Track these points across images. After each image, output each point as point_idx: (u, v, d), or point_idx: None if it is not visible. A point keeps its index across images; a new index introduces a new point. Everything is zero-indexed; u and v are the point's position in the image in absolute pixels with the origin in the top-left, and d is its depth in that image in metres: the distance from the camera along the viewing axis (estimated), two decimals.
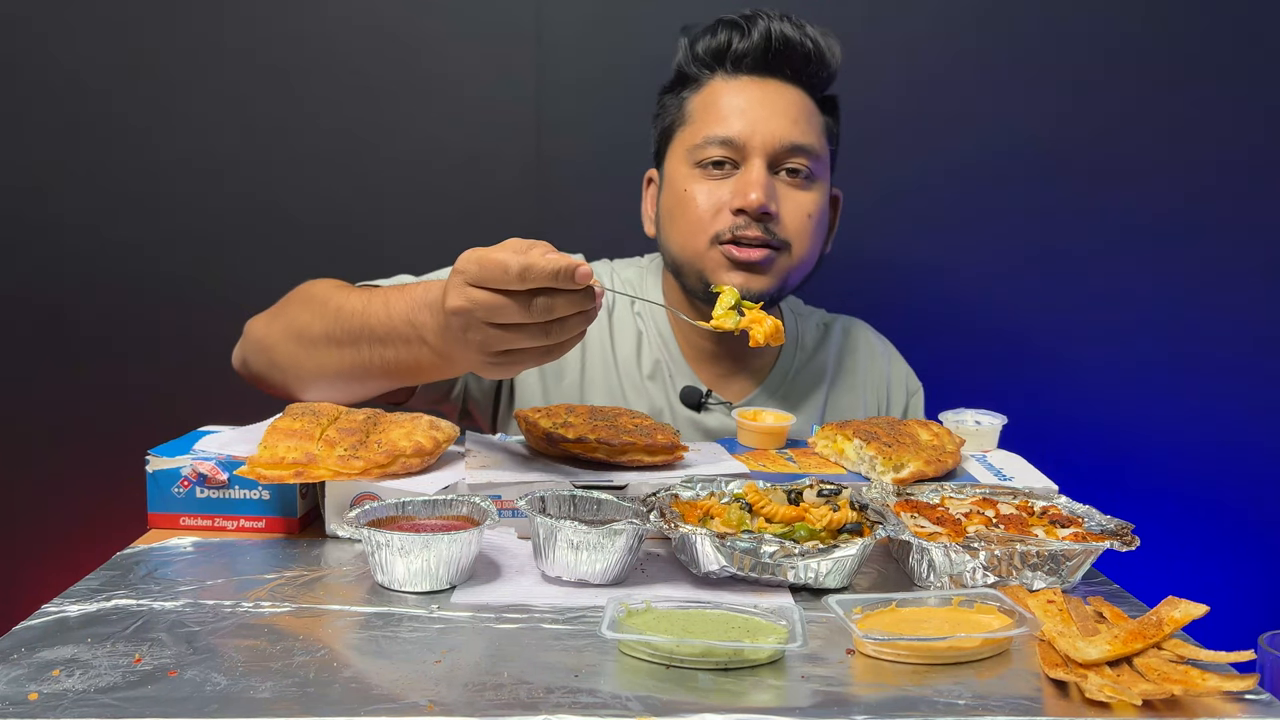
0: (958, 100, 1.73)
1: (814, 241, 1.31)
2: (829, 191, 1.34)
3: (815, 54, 1.29)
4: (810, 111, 1.30)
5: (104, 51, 1.68)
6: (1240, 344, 1.77)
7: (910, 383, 1.49)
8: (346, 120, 1.71)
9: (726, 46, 1.29)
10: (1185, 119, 1.73)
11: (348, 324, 1.09)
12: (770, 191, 1.26)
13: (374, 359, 1.08)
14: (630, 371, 1.37)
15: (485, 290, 0.88)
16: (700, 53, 1.31)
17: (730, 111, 1.28)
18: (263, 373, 1.21)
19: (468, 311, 0.90)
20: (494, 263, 0.87)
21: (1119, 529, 0.90)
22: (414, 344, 1.03)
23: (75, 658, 0.71)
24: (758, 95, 1.28)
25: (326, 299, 1.14)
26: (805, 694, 0.68)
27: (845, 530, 0.87)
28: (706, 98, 1.30)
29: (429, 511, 0.91)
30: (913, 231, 1.76)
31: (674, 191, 1.31)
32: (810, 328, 1.46)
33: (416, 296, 1.03)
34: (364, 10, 1.70)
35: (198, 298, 1.72)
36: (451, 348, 0.97)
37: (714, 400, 1.36)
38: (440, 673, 0.70)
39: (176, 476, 0.98)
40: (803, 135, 1.27)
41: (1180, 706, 0.67)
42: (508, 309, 0.88)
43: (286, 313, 1.19)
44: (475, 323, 0.90)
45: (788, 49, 1.28)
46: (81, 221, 1.71)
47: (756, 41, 1.27)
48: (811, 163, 1.28)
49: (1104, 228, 1.75)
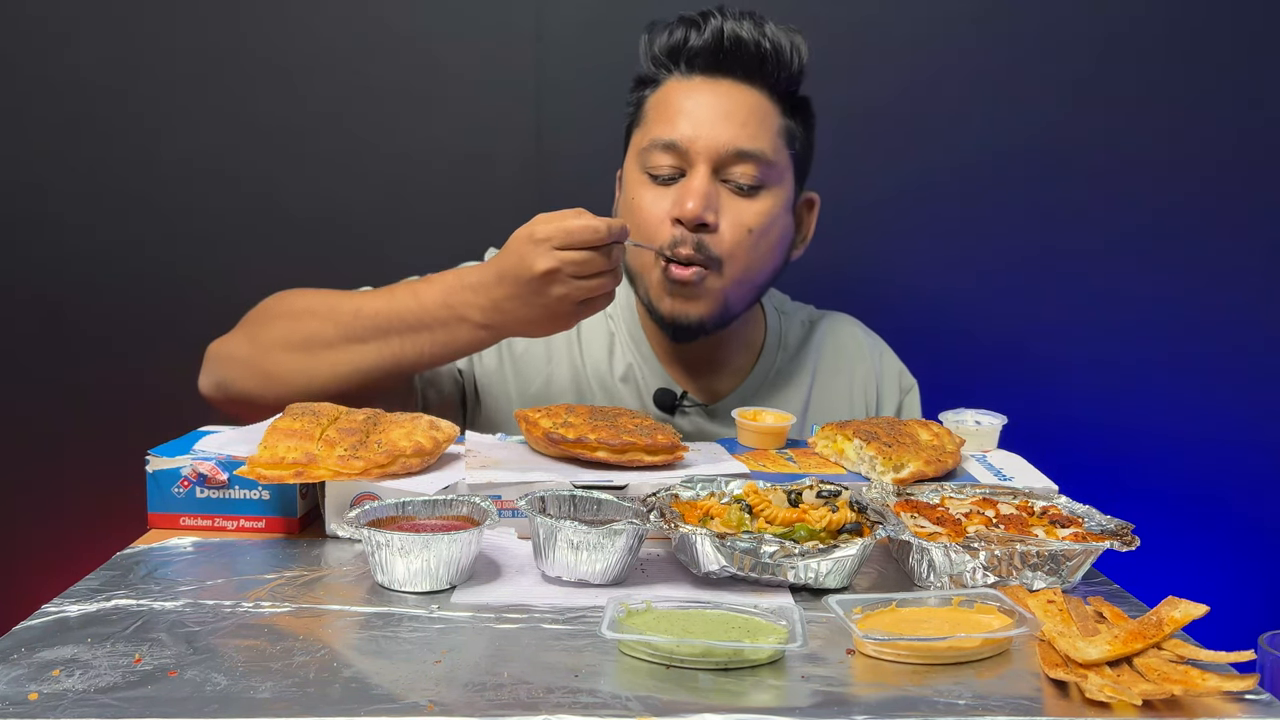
0: (956, 100, 1.73)
1: (756, 255, 1.25)
2: (787, 198, 1.29)
3: (773, 53, 1.24)
4: (765, 114, 1.25)
5: (104, 50, 1.68)
6: (1240, 344, 1.77)
7: (904, 380, 1.46)
8: (347, 120, 1.71)
9: (682, 44, 1.25)
10: (1185, 119, 1.73)
11: (372, 320, 1.16)
12: (709, 201, 1.21)
13: (406, 348, 1.16)
14: (601, 375, 1.36)
15: (574, 250, 1.06)
16: (658, 50, 1.28)
17: (678, 113, 1.24)
18: (250, 392, 1.21)
19: (558, 270, 1.07)
20: (583, 226, 1.06)
21: (1119, 529, 0.90)
22: (452, 325, 1.14)
23: (75, 658, 0.71)
24: (707, 98, 1.24)
25: (333, 305, 1.19)
26: (805, 694, 0.68)
27: (845, 530, 0.87)
28: (660, 97, 1.28)
29: (429, 511, 0.91)
30: (912, 231, 1.76)
31: (626, 197, 1.30)
32: (794, 325, 1.44)
33: (449, 281, 1.15)
34: (364, 10, 1.69)
35: (198, 297, 1.72)
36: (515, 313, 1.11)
37: (689, 402, 1.34)
38: (440, 673, 0.70)
39: (176, 476, 0.98)
40: (751, 140, 1.22)
41: (1180, 706, 0.67)
42: (596, 261, 1.07)
43: (272, 327, 1.21)
44: (564, 279, 1.07)
45: (739, 48, 1.23)
46: (82, 221, 1.71)
47: (709, 40, 1.24)
48: (761, 170, 1.23)
49: (1103, 228, 1.75)
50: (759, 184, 1.24)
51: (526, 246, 1.07)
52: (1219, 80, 1.72)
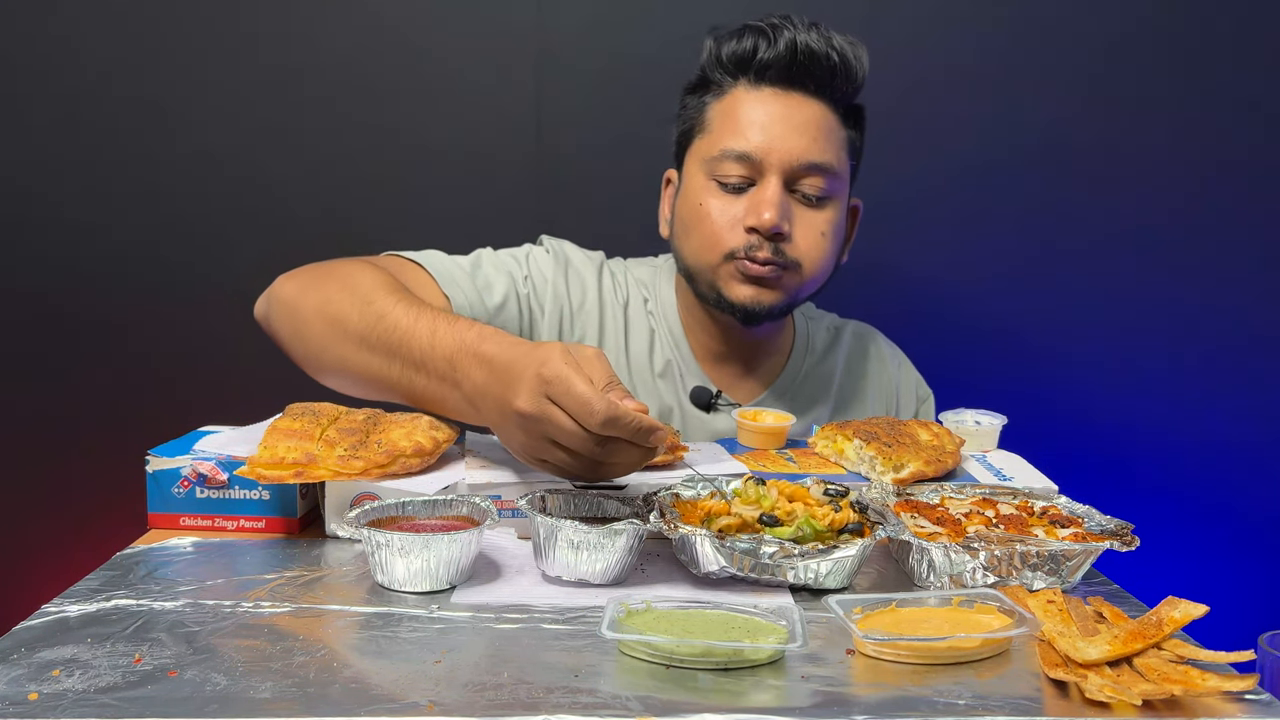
0: (956, 101, 1.73)
1: (827, 258, 1.29)
2: (845, 205, 1.32)
3: (841, 67, 1.25)
4: (832, 127, 1.27)
5: (104, 49, 1.68)
6: (1240, 344, 1.77)
7: (920, 390, 1.49)
8: (348, 119, 1.71)
9: (752, 54, 1.25)
10: (1185, 119, 1.73)
11: (388, 336, 1.07)
12: (784, 211, 1.24)
13: (402, 380, 1.07)
14: (642, 369, 1.37)
15: (563, 414, 0.87)
16: (724, 58, 1.28)
17: (749, 124, 1.25)
18: (285, 339, 1.18)
19: (535, 420, 0.89)
20: (580, 400, 0.86)
21: (1119, 529, 0.90)
22: (446, 384, 1.02)
23: (75, 658, 0.71)
24: (779, 110, 1.25)
25: (371, 297, 1.10)
26: (805, 694, 0.68)
27: (845, 531, 0.87)
28: (727, 106, 1.28)
29: (429, 511, 0.91)
30: (912, 231, 1.76)
31: (690, 202, 1.30)
32: (820, 331, 1.46)
33: (467, 338, 1.00)
34: (364, 10, 1.70)
35: (199, 297, 1.72)
36: (491, 417, 0.96)
37: (724, 402, 1.36)
38: (440, 673, 0.70)
39: (176, 476, 0.98)
40: (821, 154, 1.25)
41: (1180, 706, 0.67)
42: (577, 438, 0.88)
43: (325, 288, 1.15)
44: (536, 432, 0.90)
45: (813, 62, 1.24)
46: (82, 220, 1.71)
47: (782, 52, 1.24)
48: (828, 181, 1.26)
49: (1104, 228, 1.76)
50: (826, 195, 1.27)
51: (530, 370, 0.90)
52: (1219, 81, 1.72)
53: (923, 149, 1.74)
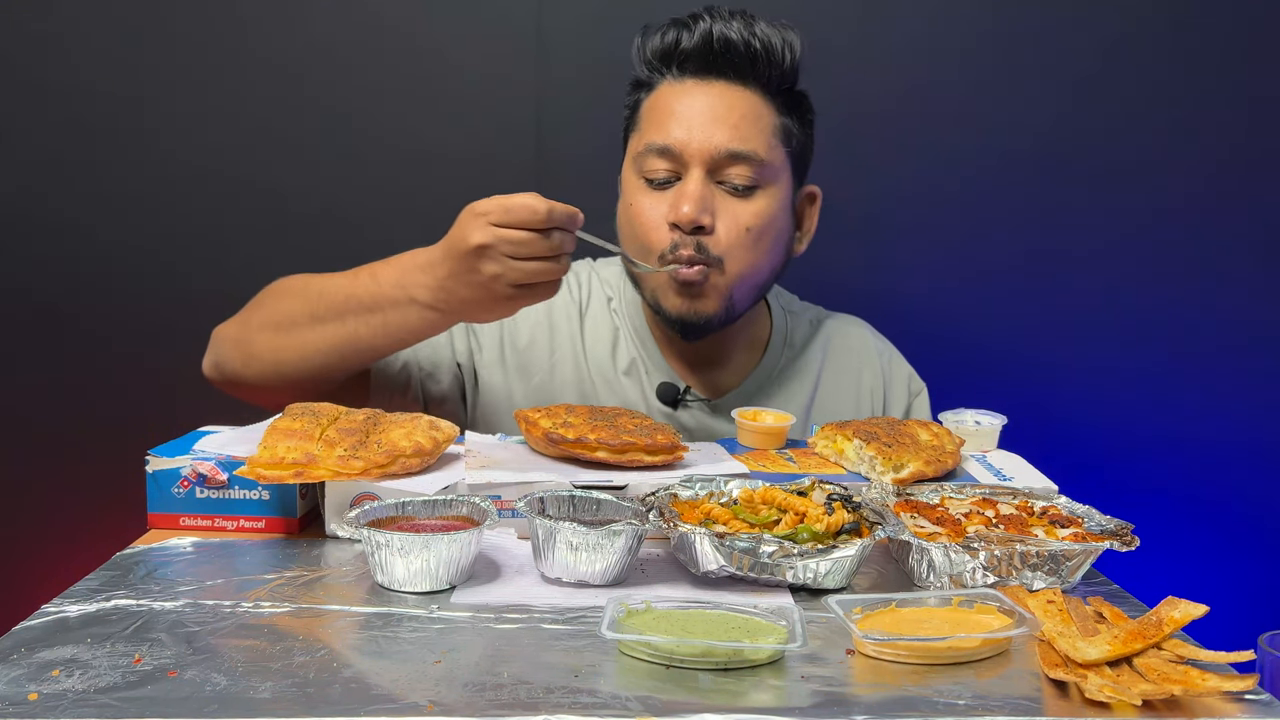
0: (956, 103, 1.73)
1: (756, 253, 1.26)
2: (785, 195, 1.30)
3: (763, 53, 1.24)
4: (759, 114, 1.25)
5: (104, 50, 1.68)
6: (1240, 344, 1.77)
7: (913, 384, 1.46)
8: (348, 120, 1.71)
9: (674, 47, 1.26)
10: (1185, 119, 1.73)
11: (332, 300, 1.16)
12: (704, 204, 1.23)
13: (360, 329, 1.15)
14: (604, 368, 1.36)
15: (512, 228, 1.02)
16: (650, 54, 1.29)
17: (671, 117, 1.25)
18: (237, 371, 1.24)
19: (491, 247, 1.03)
20: (521, 205, 1.02)
21: (1119, 529, 0.90)
22: (403, 306, 1.12)
23: (75, 658, 0.71)
24: (700, 101, 1.24)
25: (306, 284, 1.21)
26: (805, 694, 0.68)
27: (844, 531, 0.87)
28: (653, 102, 1.28)
29: (429, 511, 0.91)
30: (912, 232, 1.76)
31: (623, 202, 1.31)
32: (801, 324, 1.44)
33: (404, 262, 1.13)
34: (364, 10, 1.69)
35: (199, 297, 1.71)
36: (456, 292, 1.08)
37: (692, 396, 1.35)
38: (440, 673, 0.70)
39: (176, 477, 0.98)
40: (744, 142, 1.23)
41: (1180, 706, 0.67)
42: (534, 243, 1.03)
43: (262, 307, 1.24)
44: (498, 256, 1.04)
45: (731, 50, 1.24)
46: (81, 220, 1.71)
47: (699, 43, 1.24)
48: (755, 170, 1.24)
49: (1104, 228, 1.75)
50: (754, 184, 1.25)
51: (466, 219, 1.06)
52: (1219, 81, 1.72)
53: (923, 150, 1.74)
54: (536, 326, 1.37)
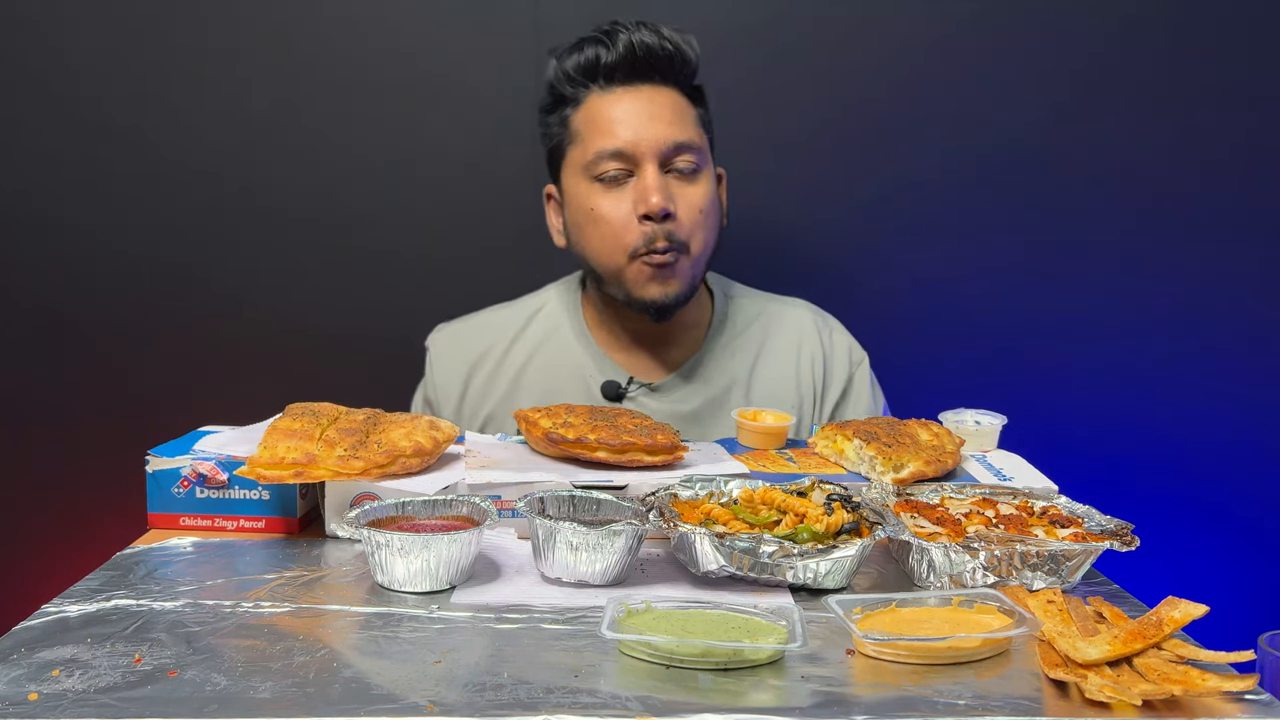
0: (954, 99, 1.72)
1: (708, 231, 1.37)
2: (714, 176, 1.40)
3: (677, 54, 1.35)
4: (683, 108, 1.36)
5: (104, 50, 1.68)
6: (1239, 344, 1.76)
7: (854, 354, 1.50)
8: (347, 120, 1.71)
9: (596, 62, 1.35)
10: (1184, 119, 1.73)
11: None
12: (666, 192, 1.32)
13: None
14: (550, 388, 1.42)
15: None
16: (571, 71, 1.36)
17: (614, 123, 1.33)
18: None
19: None
20: None
21: (1119, 529, 0.90)
22: None
23: (75, 658, 0.71)
24: (635, 104, 1.34)
25: None
26: (805, 694, 0.68)
27: (844, 531, 0.87)
28: (588, 114, 1.35)
29: (429, 511, 0.91)
30: (911, 230, 1.76)
31: (580, 208, 1.36)
32: (741, 308, 1.49)
33: None
34: (363, 10, 1.69)
35: (198, 297, 1.72)
36: None
37: (635, 384, 1.40)
38: (440, 673, 0.70)
39: (176, 476, 0.98)
40: (683, 132, 1.34)
41: (1180, 707, 0.67)
42: None
43: None
44: None
45: (650, 55, 1.34)
46: (81, 220, 1.71)
47: (622, 53, 1.34)
48: (696, 156, 1.35)
49: (1103, 227, 1.75)
50: (696, 168, 1.35)
51: None
52: (1218, 79, 1.72)
53: (921, 148, 1.73)
54: (472, 394, 1.44)
